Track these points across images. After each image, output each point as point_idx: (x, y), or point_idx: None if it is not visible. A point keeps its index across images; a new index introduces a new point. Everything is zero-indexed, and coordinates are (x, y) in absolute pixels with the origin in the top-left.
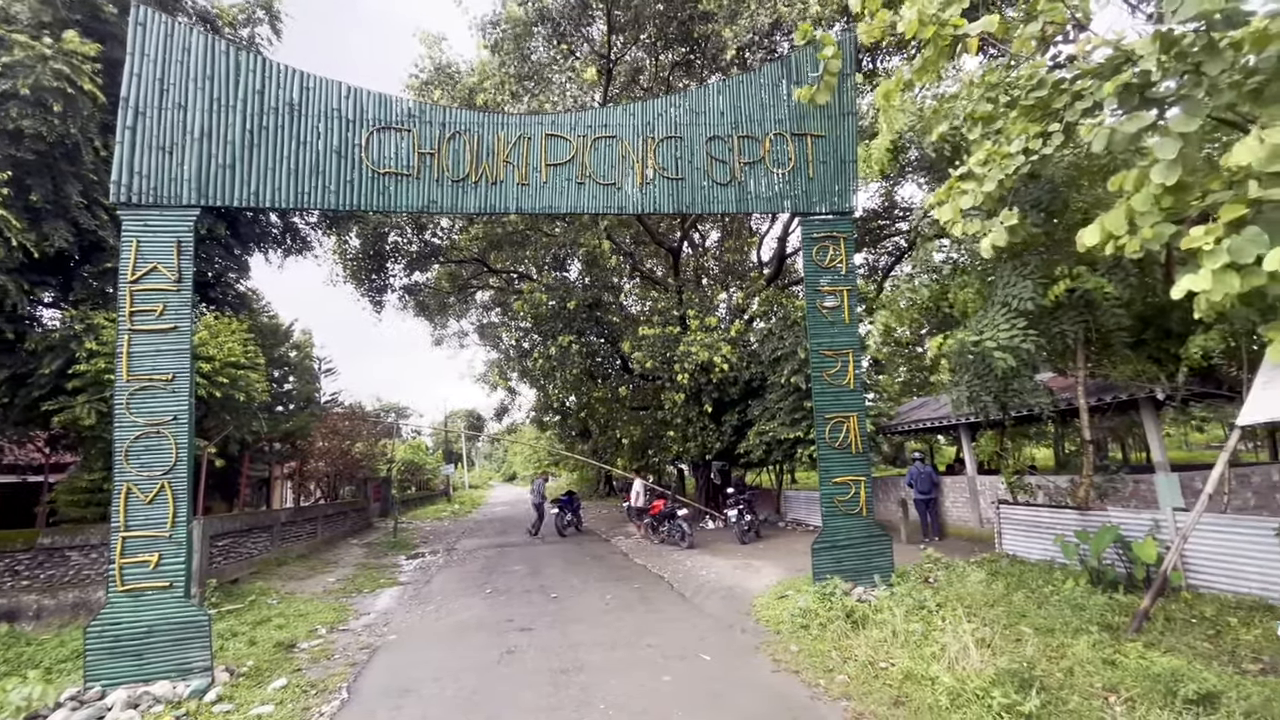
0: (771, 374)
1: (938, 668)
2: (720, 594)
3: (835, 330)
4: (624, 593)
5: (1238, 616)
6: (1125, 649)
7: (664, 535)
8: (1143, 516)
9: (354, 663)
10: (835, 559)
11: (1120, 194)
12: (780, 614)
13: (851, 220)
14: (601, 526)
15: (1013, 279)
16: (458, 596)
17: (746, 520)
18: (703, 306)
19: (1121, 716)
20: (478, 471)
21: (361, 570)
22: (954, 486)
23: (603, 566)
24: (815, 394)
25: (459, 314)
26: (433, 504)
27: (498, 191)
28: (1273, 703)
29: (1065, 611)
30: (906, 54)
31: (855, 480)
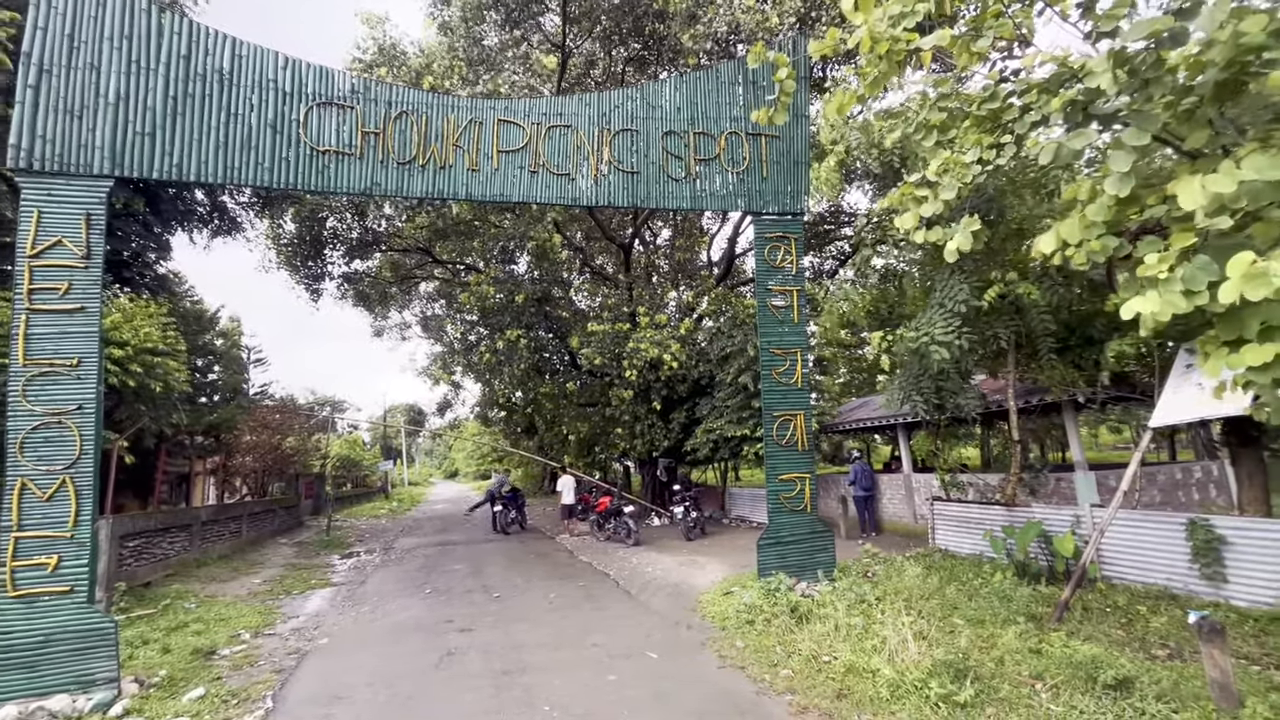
0: (720, 372)
1: (878, 660)
2: (666, 591)
3: (784, 329)
4: (569, 591)
5: (1146, 605)
6: (1050, 638)
7: (610, 532)
8: (1063, 512)
9: (280, 669)
10: (780, 555)
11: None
12: (726, 610)
13: (802, 221)
14: (546, 524)
15: (951, 282)
16: (395, 597)
17: (693, 517)
18: (653, 303)
19: (1047, 703)
20: (418, 468)
21: (291, 571)
22: (890, 484)
23: (547, 564)
24: (764, 392)
25: (401, 305)
26: (369, 501)
27: (447, 176)
28: (1180, 685)
29: (994, 603)
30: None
31: (800, 477)
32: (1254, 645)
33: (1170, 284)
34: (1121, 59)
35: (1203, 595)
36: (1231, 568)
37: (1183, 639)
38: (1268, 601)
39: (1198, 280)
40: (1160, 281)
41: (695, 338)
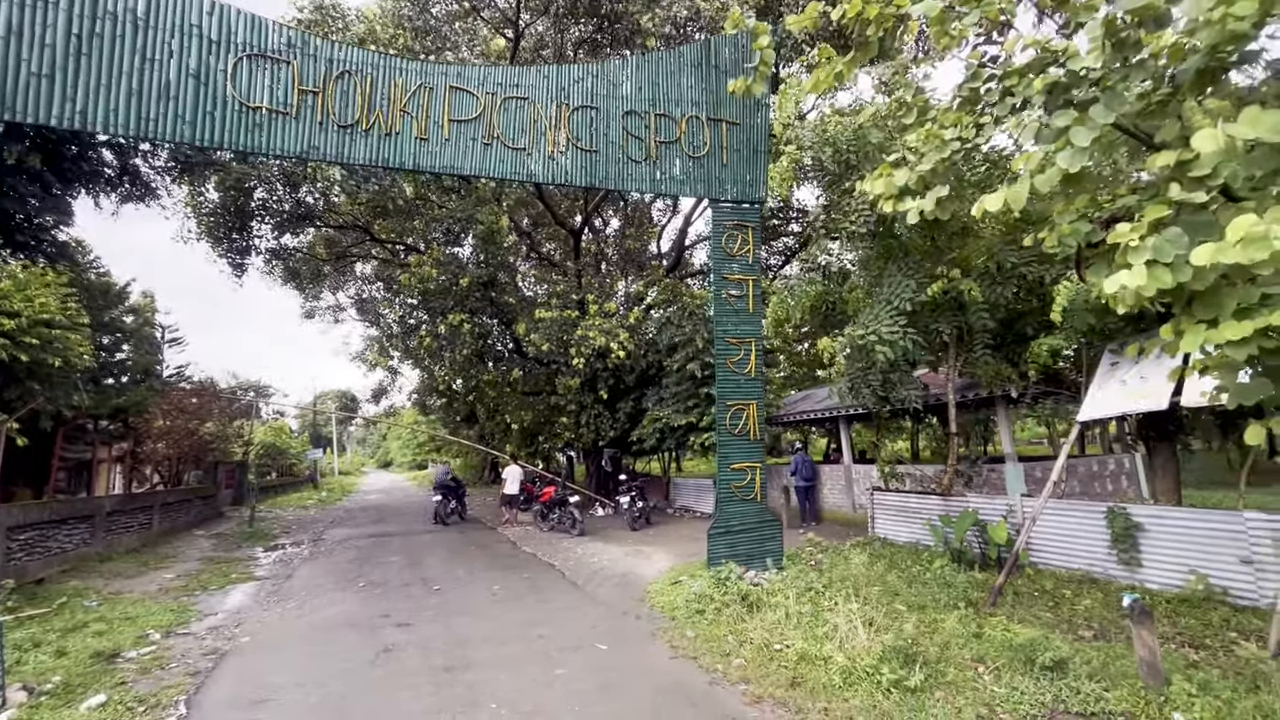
0: (668, 361)
1: (830, 647)
2: (613, 581)
3: (740, 319)
4: (513, 582)
5: (1070, 589)
6: (991, 623)
7: (554, 522)
8: (996, 502)
9: (195, 671)
10: (730, 544)
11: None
12: (675, 600)
13: (760, 210)
14: (487, 514)
15: (897, 279)
16: (325, 591)
17: (639, 507)
18: (602, 292)
19: (991, 685)
20: (350, 457)
21: (208, 565)
22: (831, 475)
23: (489, 555)
24: (718, 381)
25: (335, 285)
26: (297, 491)
27: (393, 144)
28: (1109, 665)
29: (934, 589)
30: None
31: (752, 467)
32: (1168, 625)
33: (1139, 253)
34: (1113, 29)
35: (1120, 579)
36: (1146, 553)
37: (1105, 620)
38: (1177, 584)
39: (1165, 251)
40: (1130, 250)
41: (644, 327)
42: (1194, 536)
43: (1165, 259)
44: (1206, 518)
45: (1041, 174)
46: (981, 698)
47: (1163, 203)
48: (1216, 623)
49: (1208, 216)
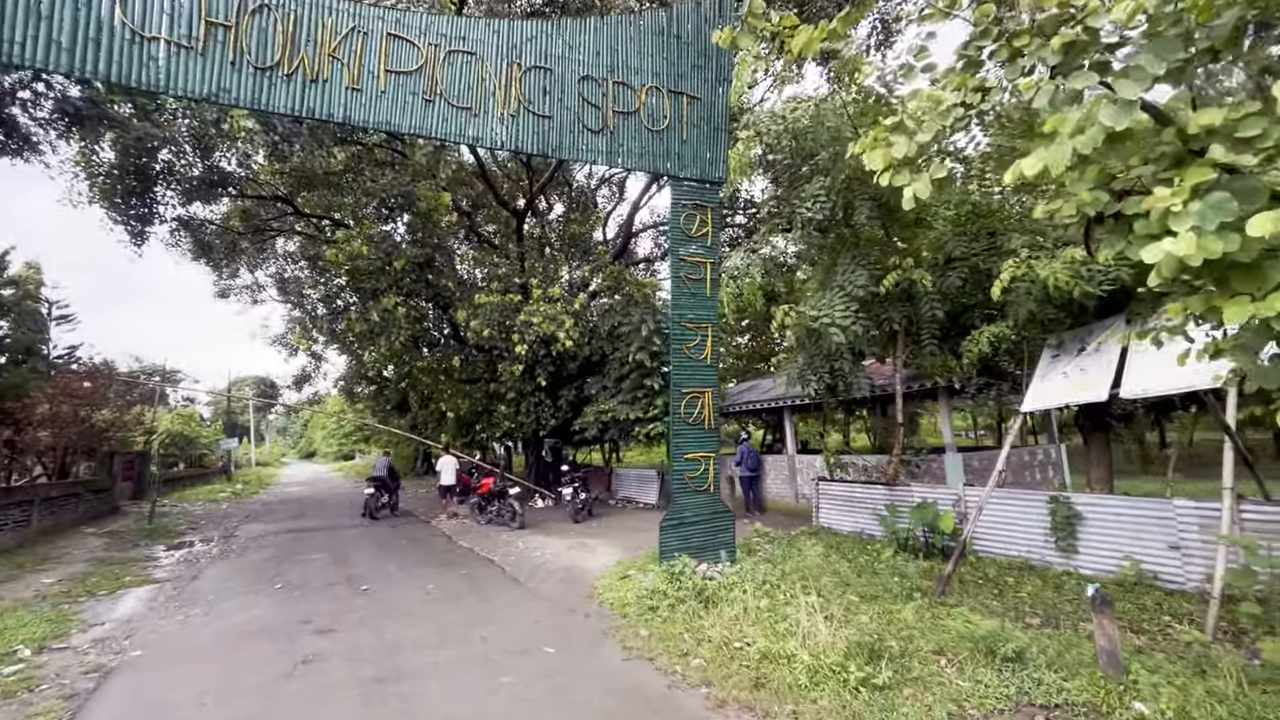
0: (612, 350)
1: (793, 644)
2: (558, 577)
3: (697, 302)
4: (450, 580)
5: (1012, 576)
6: (953, 613)
7: (492, 515)
8: (940, 491)
9: (71, 694)
10: (683, 537)
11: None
12: (625, 595)
13: (719, 191)
14: (420, 507)
15: (851, 268)
16: (236, 594)
17: (581, 499)
18: (546, 277)
19: (955, 679)
20: (268, 447)
21: (98, 566)
22: (774, 465)
23: (422, 551)
24: (673, 367)
25: (254, 262)
26: (207, 484)
27: (320, 92)
28: (1064, 654)
29: (886, 579)
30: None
31: (706, 457)
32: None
33: (1182, 219)
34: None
35: (1056, 565)
36: (1082, 540)
37: (1049, 607)
38: (1110, 570)
39: (1209, 218)
40: (1173, 215)
41: (589, 315)
42: (1127, 524)
43: (1209, 226)
44: (1139, 506)
45: (1081, 135)
46: (949, 693)
47: (1205, 164)
48: (1150, 607)
49: (1253, 181)
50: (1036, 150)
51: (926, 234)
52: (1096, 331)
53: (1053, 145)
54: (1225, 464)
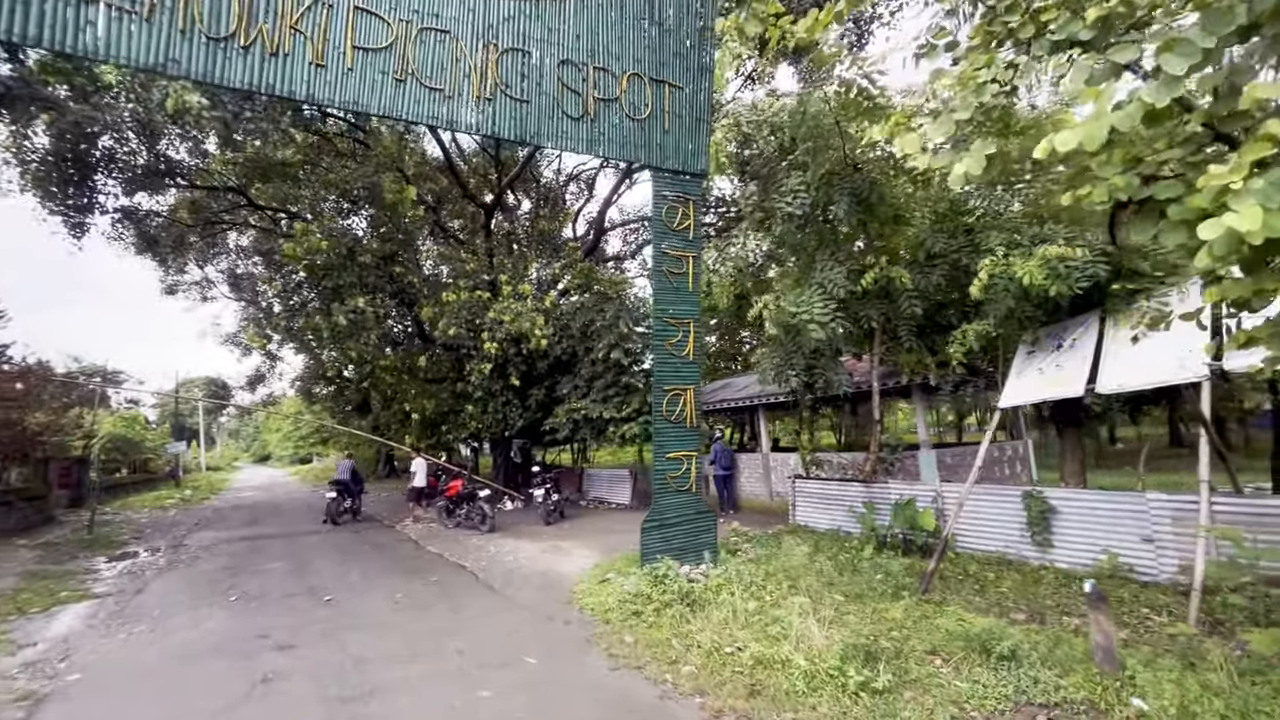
0: (584, 349)
1: (787, 648)
2: (534, 582)
3: (679, 297)
4: (419, 588)
5: (992, 571)
6: (943, 611)
7: (460, 519)
8: (918, 488)
9: None
10: (664, 538)
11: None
12: (606, 600)
13: (701, 183)
14: (383, 511)
15: (830, 265)
16: (187, 608)
17: (553, 500)
18: (515, 273)
19: (953, 679)
20: (219, 451)
21: (30, 581)
22: (749, 463)
23: (388, 557)
24: (655, 364)
25: (204, 257)
26: (153, 490)
27: (279, 67)
28: (1055, 650)
29: (870, 577)
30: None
31: (688, 456)
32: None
33: (1241, 197)
34: None
35: (1032, 560)
36: (1058, 534)
37: (1031, 601)
38: (1086, 563)
39: (1272, 196)
40: (1231, 193)
41: (560, 312)
42: (1101, 517)
43: (1272, 203)
44: (1113, 499)
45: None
46: (948, 695)
47: (1264, 140)
48: (1128, 599)
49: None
50: (1071, 127)
51: (904, 231)
52: (1071, 328)
53: (1088, 121)
54: (1201, 457)
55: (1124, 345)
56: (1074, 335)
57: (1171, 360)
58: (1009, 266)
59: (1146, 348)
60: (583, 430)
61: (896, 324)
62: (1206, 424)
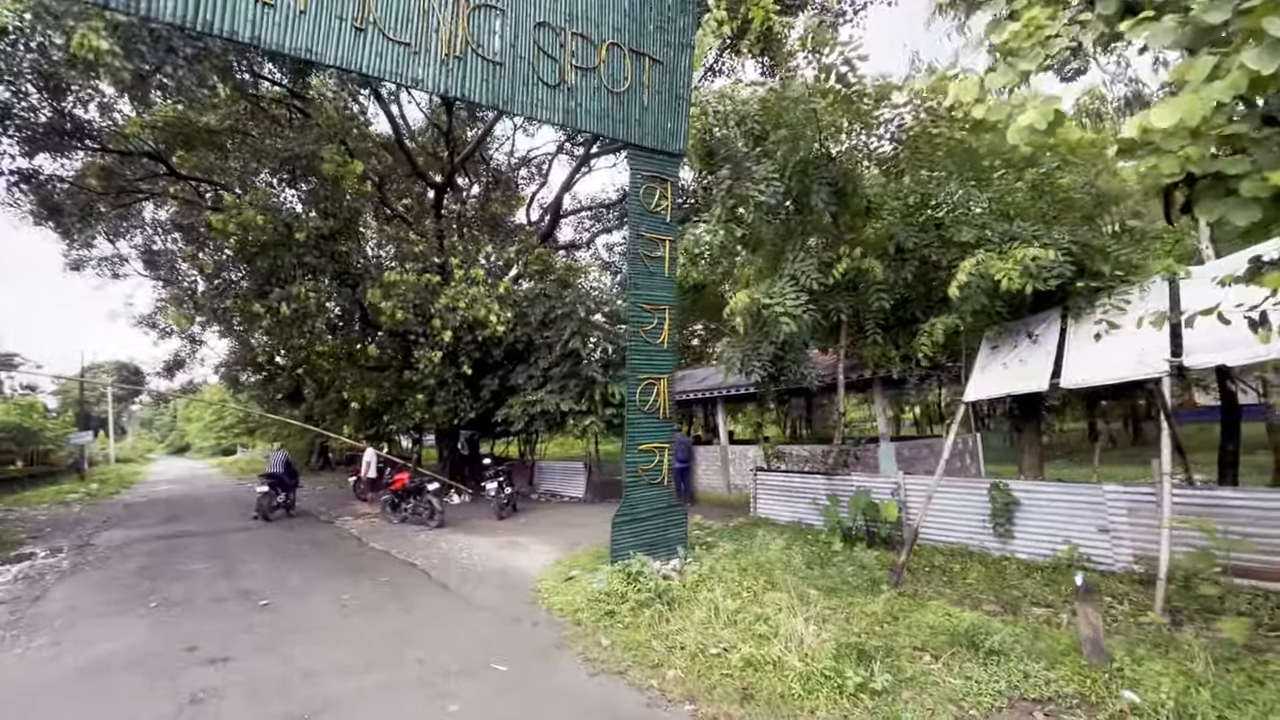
0: (541, 338)
1: (778, 648)
2: (492, 580)
3: (655, 282)
4: (367, 589)
5: (957, 563)
6: (928, 605)
7: (406, 514)
8: (878, 481)
9: None
10: (635, 533)
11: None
12: (574, 599)
13: (679, 163)
14: (319, 506)
15: (800, 255)
16: (96, 617)
17: (506, 494)
18: (467, 257)
19: (946, 676)
20: (130, 442)
21: None
22: (706, 456)
23: (330, 556)
24: (630, 351)
25: (115, 230)
26: (54, 484)
27: (220, 4)
28: (1037, 642)
29: (843, 570)
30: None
31: (660, 448)
32: (1050, 592)
33: None
34: None
35: (994, 551)
36: (1019, 525)
37: (998, 592)
38: (1045, 553)
39: None
40: None
41: (515, 299)
42: (1061, 509)
43: None
44: (1072, 492)
45: (1220, 81)
46: (945, 693)
47: None
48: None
49: None
50: (1167, 101)
51: (874, 224)
52: (1033, 324)
53: (1186, 94)
54: (1163, 450)
55: (1086, 342)
56: (1036, 331)
57: (1131, 357)
58: (986, 267)
59: (1107, 345)
60: (538, 422)
61: (864, 317)
62: (1169, 417)
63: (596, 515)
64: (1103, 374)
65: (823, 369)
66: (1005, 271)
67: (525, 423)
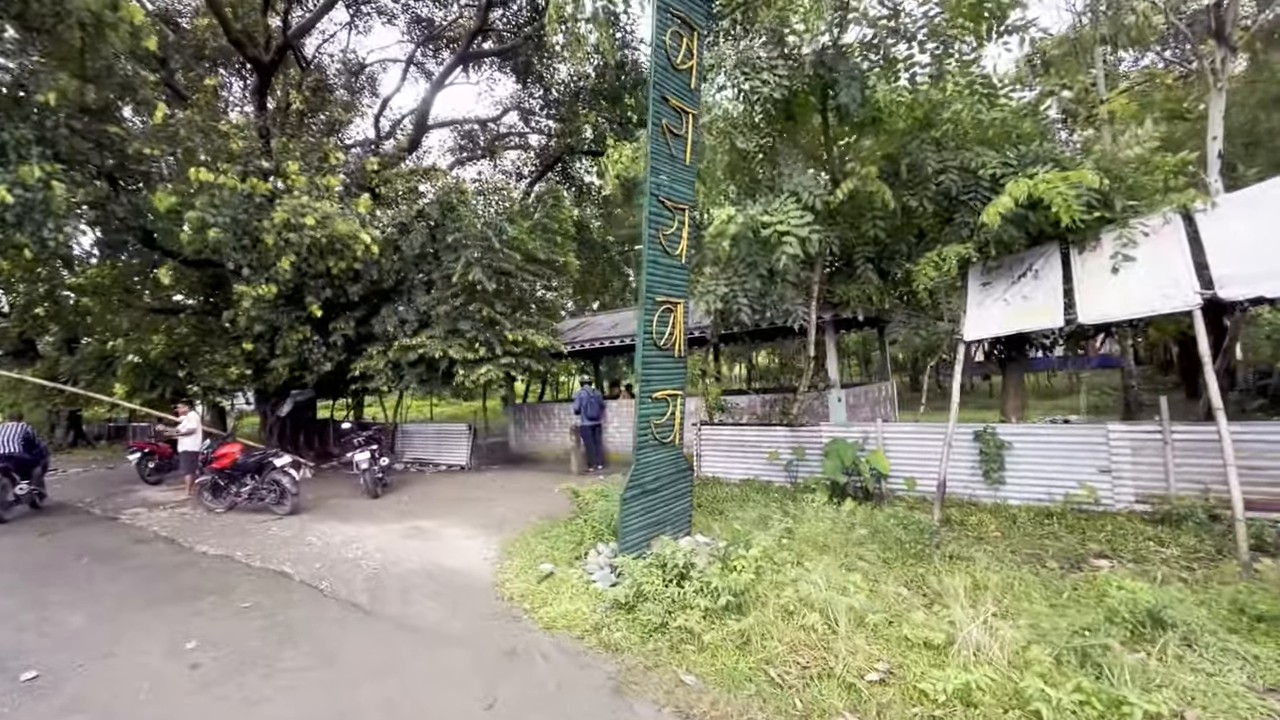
0: (420, 271)
1: (965, 662)
2: (424, 589)
3: (675, 170)
4: (225, 626)
5: (960, 514)
6: (1101, 579)
7: (239, 498)
8: (852, 429)
9: None
10: (646, 508)
11: None
12: (581, 610)
13: (710, 8)
14: (86, 495)
15: (801, 169)
16: None
17: (380, 467)
18: (310, 163)
19: (1177, 671)
20: None
21: None
22: (620, 411)
23: (134, 571)
24: (646, 264)
25: None
26: None
27: None
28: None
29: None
30: None
31: (674, 395)
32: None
33: None
34: None
35: (984, 498)
36: (1010, 470)
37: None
38: (1040, 498)
39: None
40: None
41: (384, 225)
42: (1055, 452)
43: None
44: (1069, 433)
45: None
46: (1184, 697)
47: None
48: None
49: None
50: None
51: (877, 138)
52: (1029, 258)
53: None
54: (1210, 385)
55: (1097, 275)
56: (1034, 265)
57: (1153, 290)
58: (1045, 189)
59: (1124, 279)
60: (411, 375)
61: (854, 248)
62: (1206, 353)
63: (493, 486)
64: (1126, 308)
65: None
66: (1063, 198)
67: (395, 377)
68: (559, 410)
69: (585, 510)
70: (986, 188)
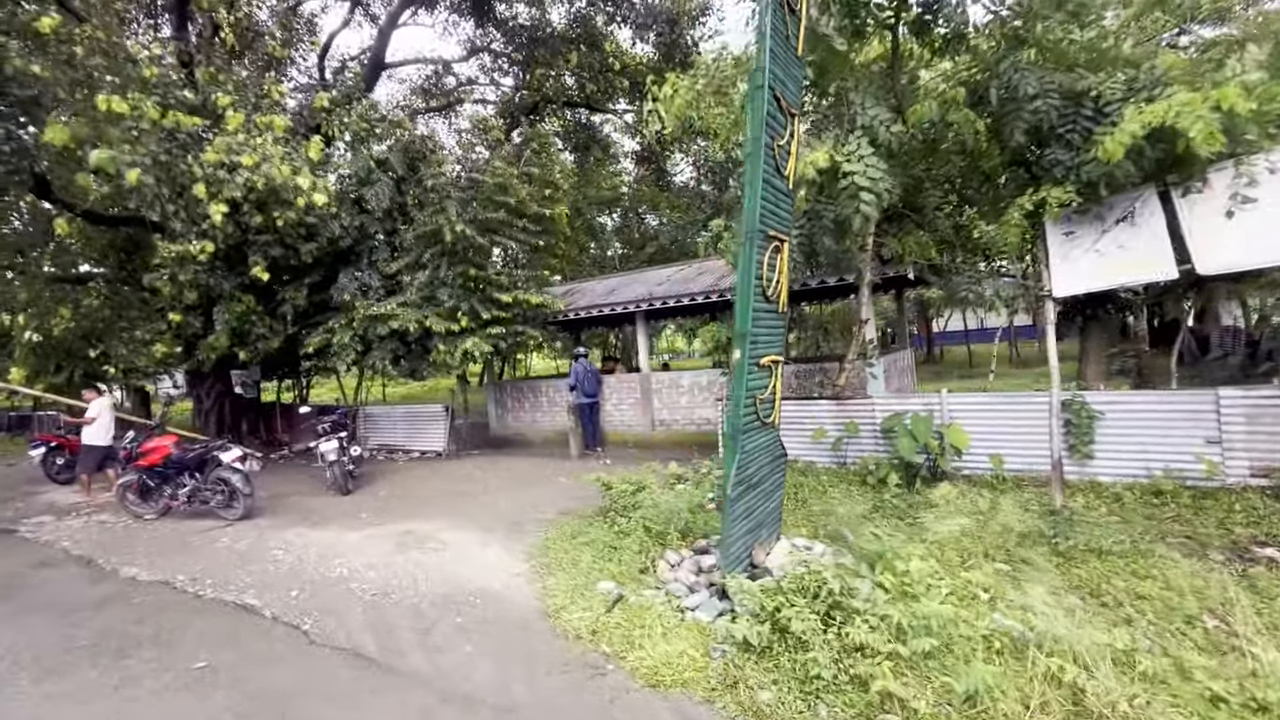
0: (382, 229)
1: None
2: (452, 625)
3: (786, 70)
4: (165, 706)
5: (1074, 495)
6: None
7: (175, 502)
8: (910, 402)
9: None
10: (748, 508)
11: None
12: (687, 654)
13: None
14: None
15: (866, 100)
16: None
17: (350, 458)
18: (246, 99)
19: None
20: None
21: None
22: (619, 387)
23: (36, 615)
24: (756, 189)
25: None
26: None
27: None
28: None
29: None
30: None
31: (775, 362)
32: (1191, 521)
33: None
34: None
35: (1071, 476)
36: (1100, 444)
37: (1167, 530)
38: (1136, 474)
39: None
40: None
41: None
42: (1152, 422)
43: None
44: (1169, 400)
45: None
46: None
47: None
48: (1242, 509)
49: None
50: None
51: (956, 60)
52: (1118, 205)
53: None
54: None
55: (1210, 220)
56: (1130, 211)
57: None
58: (1183, 114)
59: (1244, 223)
60: (379, 350)
61: (921, 192)
62: None
63: (482, 475)
64: (1256, 256)
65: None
66: (1205, 123)
67: (358, 352)
68: (546, 387)
69: (619, 505)
70: (1088, 116)
